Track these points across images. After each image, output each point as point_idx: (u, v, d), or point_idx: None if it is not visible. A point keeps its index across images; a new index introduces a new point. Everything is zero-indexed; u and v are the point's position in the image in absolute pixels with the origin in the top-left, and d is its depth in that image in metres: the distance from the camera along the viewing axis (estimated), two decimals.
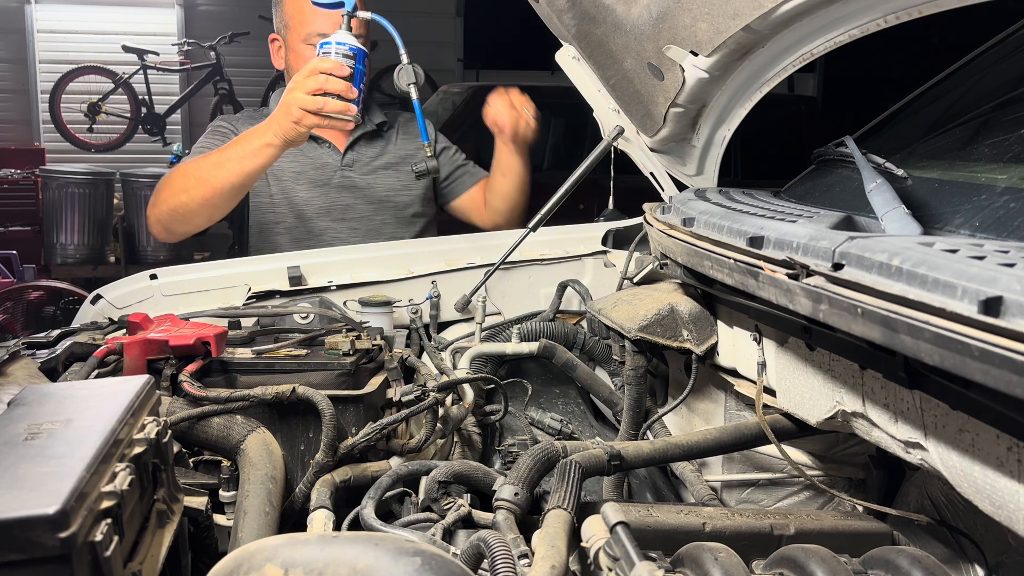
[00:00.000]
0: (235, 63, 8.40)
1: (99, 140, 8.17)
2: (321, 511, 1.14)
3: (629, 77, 1.74)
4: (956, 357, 0.71)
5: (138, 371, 1.30)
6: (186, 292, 1.91)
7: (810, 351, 1.18)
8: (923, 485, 1.28)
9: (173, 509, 0.93)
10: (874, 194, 1.24)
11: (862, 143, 1.50)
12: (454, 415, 1.46)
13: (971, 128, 1.45)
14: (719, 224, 1.30)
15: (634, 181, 2.03)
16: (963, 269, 0.76)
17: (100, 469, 0.73)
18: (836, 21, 1.36)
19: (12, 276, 5.97)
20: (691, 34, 1.45)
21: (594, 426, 1.82)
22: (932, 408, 0.94)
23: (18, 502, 0.65)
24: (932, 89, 1.72)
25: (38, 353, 1.38)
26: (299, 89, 1.82)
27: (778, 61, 1.53)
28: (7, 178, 7.30)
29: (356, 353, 1.39)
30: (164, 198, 2.07)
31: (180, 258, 6.63)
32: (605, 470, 1.14)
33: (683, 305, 1.50)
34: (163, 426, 0.90)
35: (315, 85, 1.80)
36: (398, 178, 2.41)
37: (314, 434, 1.29)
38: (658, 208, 1.74)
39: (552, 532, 0.92)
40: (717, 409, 1.58)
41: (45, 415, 0.82)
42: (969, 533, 1.17)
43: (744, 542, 1.01)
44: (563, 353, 1.85)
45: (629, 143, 1.96)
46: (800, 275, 0.98)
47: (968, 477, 0.89)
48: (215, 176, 1.97)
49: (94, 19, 8.65)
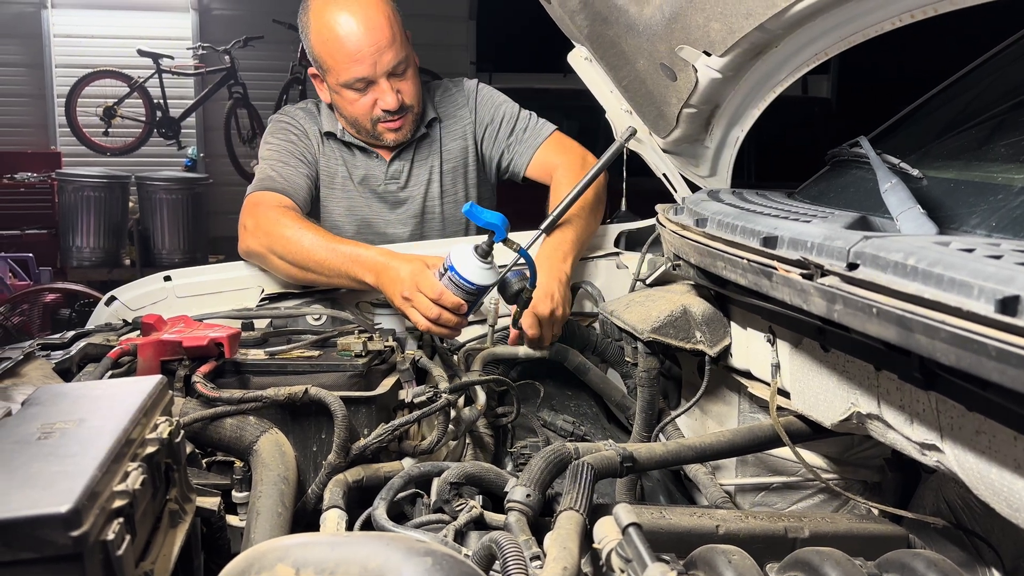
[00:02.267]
0: (249, 67, 8.43)
1: (115, 144, 8.21)
2: (333, 511, 1.14)
3: (642, 78, 1.73)
4: (972, 357, 0.70)
5: (152, 372, 1.30)
6: (200, 294, 1.92)
7: (824, 352, 1.17)
8: (939, 488, 1.26)
9: (185, 509, 0.93)
10: (889, 194, 1.23)
11: (877, 144, 1.48)
12: (466, 417, 1.46)
13: (987, 128, 1.43)
14: (732, 224, 1.29)
15: (647, 183, 2.03)
16: (980, 268, 0.75)
17: (112, 468, 0.73)
18: (850, 20, 1.35)
19: (28, 279, 6.02)
20: (704, 34, 1.44)
21: (606, 428, 1.82)
22: (948, 409, 0.93)
23: (30, 501, 0.65)
24: (947, 89, 1.71)
25: (53, 354, 1.39)
26: (416, 299, 1.63)
27: (792, 61, 1.52)
28: (24, 181, 7.37)
29: (368, 354, 1.39)
30: (258, 239, 1.94)
31: (195, 261, 6.67)
32: (617, 472, 1.14)
33: (696, 306, 1.49)
34: (175, 426, 0.90)
35: (429, 312, 1.61)
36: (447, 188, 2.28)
37: (326, 435, 1.29)
38: (671, 209, 1.73)
39: (564, 534, 0.91)
40: (731, 411, 1.57)
41: (58, 415, 0.82)
42: (986, 536, 1.16)
43: (758, 545, 1.00)
44: (575, 355, 1.85)
45: (642, 144, 1.96)
46: (814, 275, 0.98)
47: (985, 479, 0.88)
48: (312, 271, 1.86)
49: (110, 24, 8.69)
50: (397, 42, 2.02)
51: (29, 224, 7.12)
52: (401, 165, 2.23)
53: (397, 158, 2.23)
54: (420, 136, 2.23)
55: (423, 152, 2.25)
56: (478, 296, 1.59)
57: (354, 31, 1.99)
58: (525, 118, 2.27)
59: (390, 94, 2.04)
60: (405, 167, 2.23)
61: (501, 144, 2.26)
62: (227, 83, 8.23)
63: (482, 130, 2.27)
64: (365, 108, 2.08)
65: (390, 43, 2.00)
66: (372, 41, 1.99)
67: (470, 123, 2.27)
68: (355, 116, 2.11)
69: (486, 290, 1.59)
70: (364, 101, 2.07)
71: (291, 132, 2.20)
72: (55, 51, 8.65)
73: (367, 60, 2.00)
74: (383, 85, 2.04)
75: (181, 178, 7.47)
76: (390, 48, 2.00)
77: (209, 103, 8.55)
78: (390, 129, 2.12)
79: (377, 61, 2.00)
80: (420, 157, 2.25)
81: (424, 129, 2.22)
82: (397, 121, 2.10)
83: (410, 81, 2.09)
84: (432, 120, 2.24)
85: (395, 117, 2.09)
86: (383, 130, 2.12)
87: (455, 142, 2.27)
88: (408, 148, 2.23)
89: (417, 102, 2.13)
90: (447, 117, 2.27)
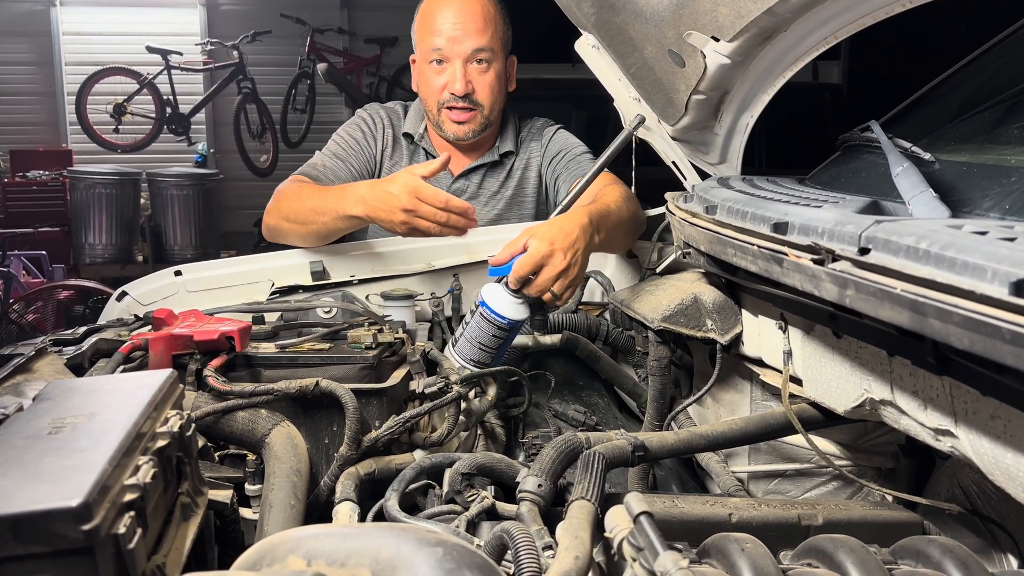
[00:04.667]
0: (258, 62, 8.47)
1: (125, 141, 8.25)
2: (346, 503, 1.14)
3: (650, 65, 1.72)
4: (987, 340, 0.69)
5: (163, 366, 1.30)
6: (210, 288, 1.92)
7: (837, 339, 1.16)
8: (954, 474, 1.25)
9: (197, 502, 0.93)
10: (901, 178, 1.22)
11: (888, 128, 1.47)
12: (477, 408, 1.46)
13: (1000, 111, 1.42)
14: (743, 211, 1.28)
15: (656, 172, 2.01)
16: (993, 251, 0.74)
17: (123, 462, 0.74)
18: (859, 3, 1.34)
19: (42, 276, 6.06)
20: (712, 19, 1.43)
21: (618, 418, 1.81)
22: (962, 394, 0.92)
23: (41, 495, 0.65)
24: (959, 73, 1.69)
25: (65, 350, 1.39)
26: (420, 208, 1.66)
27: (801, 45, 1.50)
28: (36, 180, 7.42)
29: (379, 347, 1.39)
30: (273, 213, 2.00)
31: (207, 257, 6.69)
32: (629, 461, 1.13)
33: (707, 294, 1.48)
34: (186, 419, 0.90)
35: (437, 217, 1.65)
36: (502, 213, 2.27)
37: (338, 427, 1.29)
38: (680, 197, 1.72)
39: (576, 523, 0.91)
40: (743, 399, 1.56)
41: (69, 409, 0.83)
42: (1001, 522, 1.15)
43: (771, 533, 0.99)
44: (586, 345, 1.84)
45: (650, 132, 1.95)
46: (826, 260, 0.97)
47: (1000, 464, 0.87)
48: (311, 221, 1.89)
49: (118, 21, 8.72)
50: (485, 34, 2.07)
51: (42, 222, 7.17)
52: (464, 184, 2.24)
53: (464, 177, 2.24)
54: (491, 163, 2.24)
55: (491, 180, 2.26)
56: (511, 332, 1.56)
57: (447, 7, 2.08)
58: (589, 157, 2.25)
59: (460, 79, 2.08)
60: (468, 187, 2.25)
61: (560, 169, 2.25)
62: (236, 78, 8.26)
63: (547, 161, 2.28)
64: (436, 89, 2.12)
65: (477, 31, 2.06)
66: (460, 21, 2.06)
67: (538, 156, 2.28)
68: (426, 96, 2.16)
69: (519, 325, 1.57)
70: (437, 81, 2.11)
71: (358, 129, 2.24)
72: (64, 49, 8.69)
73: (448, 35, 2.06)
74: (457, 67, 2.08)
75: (192, 174, 7.51)
76: (475, 34, 2.06)
77: (218, 98, 8.57)
78: (453, 120, 2.13)
79: (457, 40, 2.06)
80: (488, 184, 2.26)
81: (498, 156, 2.24)
82: (462, 113, 2.12)
83: (489, 80, 2.11)
84: (508, 152, 2.25)
85: (461, 106, 2.11)
86: (446, 118, 2.14)
87: (523, 174, 2.28)
88: (476, 171, 2.25)
89: (490, 106, 2.14)
90: (524, 152, 2.29)
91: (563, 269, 1.53)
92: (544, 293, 1.55)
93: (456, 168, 2.23)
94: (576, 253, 1.56)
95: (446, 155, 1.80)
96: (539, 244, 1.52)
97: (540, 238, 1.53)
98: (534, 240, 1.53)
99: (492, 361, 1.57)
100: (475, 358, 1.55)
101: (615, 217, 1.80)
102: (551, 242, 1.53)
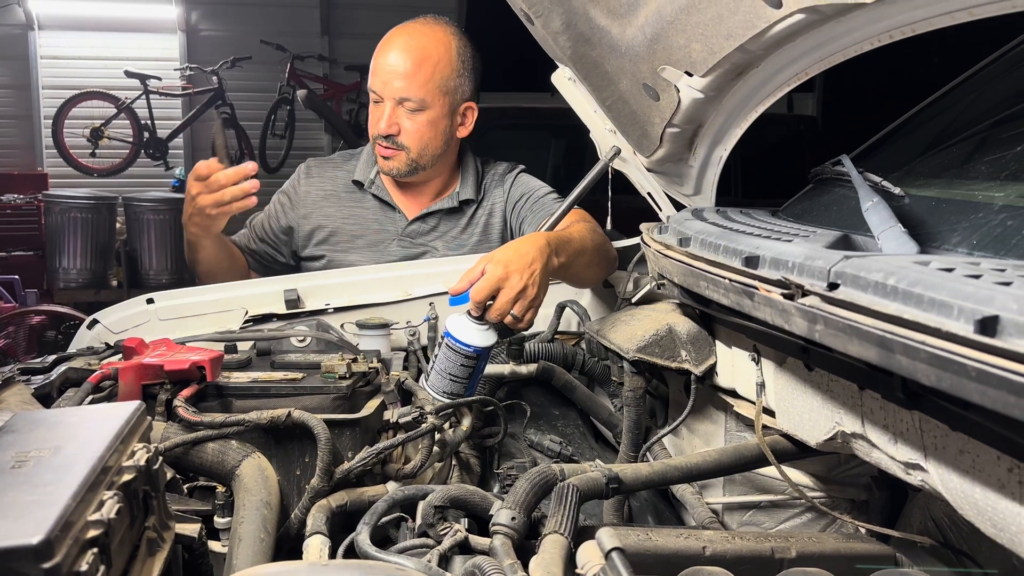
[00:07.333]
0: (237, 87, 8.46)
1: (102, 165, 8.20)
2: (317, 537, 1.13)
3: (625, 98, 1.74)
4: (953, 378, 0.70)
5: (133, 396, 1.29)
6: (183, 316, 1.90)
7: (808, 371, 1.17)
8: (926, 506, 1.26)
9: (164, 537, 0.92)
10: (871, 213, 1.24)
11: (860, 162, 1.49)
12: (451, 439, 1.45)
13: (969, 146, 1.44)
14: (715, 244, 1.29)
15: (633, 201, 2.03)
16: (959, 288, 0.75)
17: (87, 497, 0.72)
18: (829, 40, 1.36)
19: (14, 301, 5.97)
20: (686, 54, 1.45)
21: (594, 448, 1.81)
22: (931, 429, 0.93)
23: (2, 531, 0.64)
24: (930, 107, 1.72)
25: (33, 379, 1.37)
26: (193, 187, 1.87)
27: (773, 80, 1.53)
28: (10, 203, 7.33)
29: (352, 376, 1.38)
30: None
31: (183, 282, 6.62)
32: (603, 493, 1.13)
33: (681, 325, 1.49)
34: (153, 453, 0.89)
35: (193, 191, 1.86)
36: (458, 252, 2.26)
37: (310, 459, 1.28)
38: (655, 228, 1.73)
39: (548, 558, 0.91)
40: (717, 430, 1.56)
41: (33, 443, 0.81)
42: (973, 555, 1.16)
43: (745, 566, 0.99)
44: (562, 374, 1.84)
45: (626, 163, 1.96)
46: (795, 295, 0.98)
47: (969, 499, 0.88)
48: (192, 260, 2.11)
49: (97, 45, 8.69)
50: (418, 81, 2.05)
51: (15, 246, 7.08)
52: (420, 227, 2.24)
53: (420, 220, 2.24)
54: (448, 209, 2.25)
55: (448, 225, 2.26)
56: (479, 360, 1.56)
57: (391, 48, 2.08)
58: (553, 197, 2.26)
59: (386, 119, 2.09)
60: (423, 229, 2.25)
61: (525, 213, 2.26)
62: (215, 104, 8.25)
63: (511, 206, 2.28)
64: (372, 122, 2.14)
65: (410, 75, 2.05)
66: (398, 63, 2.06)
67: (501, 202, 2.28)
68: (368, 130, 2.19)
69: (486, 352, 1.57)
70: (374, 116, 2.14)
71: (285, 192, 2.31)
72: (42, 72, 8.64)
73: (382, 76, 2.07)
74: (387, 108, 2.09)
75: (168, 199, 7.44)
76: (408, 79, 2.05)
77: (197, 124, 8.55)
78: (381, 155, 2.16)
79: (389, 82, 2.06)
80: (445, 228, 2.26)
81: (456, 203, 2.25)
82: (389, 150, 2.13)
83: (417, 125, 2.10)
84: (468, 200, 2.26)
85: (387, 145, 2.12)
86: (378, 152, 2.16)
87: (488, 220, 2.28)
88: (432, 216, 2.25)
89: (418, 150, 2.13)
90: (488, 200, 2.29)
91: (521, 290, 1.55)
92: (504, 316, 1.56)
93: (411, 211, 2.25)
94: (534, 274, 1.57)
95: (250, 163, 1.90)
96: (495, 267, 1.55)
97: (495, 262, 1.56)
98: (490, 264, 1.56)
99: (465, 391, 1.56)
100: (448, 390, 1.55)
101: (577, 244, 1.82)
102: (506, 264, 1.55)
